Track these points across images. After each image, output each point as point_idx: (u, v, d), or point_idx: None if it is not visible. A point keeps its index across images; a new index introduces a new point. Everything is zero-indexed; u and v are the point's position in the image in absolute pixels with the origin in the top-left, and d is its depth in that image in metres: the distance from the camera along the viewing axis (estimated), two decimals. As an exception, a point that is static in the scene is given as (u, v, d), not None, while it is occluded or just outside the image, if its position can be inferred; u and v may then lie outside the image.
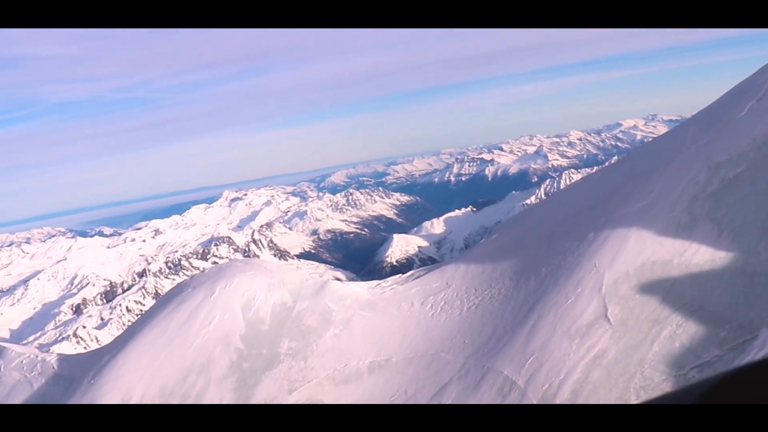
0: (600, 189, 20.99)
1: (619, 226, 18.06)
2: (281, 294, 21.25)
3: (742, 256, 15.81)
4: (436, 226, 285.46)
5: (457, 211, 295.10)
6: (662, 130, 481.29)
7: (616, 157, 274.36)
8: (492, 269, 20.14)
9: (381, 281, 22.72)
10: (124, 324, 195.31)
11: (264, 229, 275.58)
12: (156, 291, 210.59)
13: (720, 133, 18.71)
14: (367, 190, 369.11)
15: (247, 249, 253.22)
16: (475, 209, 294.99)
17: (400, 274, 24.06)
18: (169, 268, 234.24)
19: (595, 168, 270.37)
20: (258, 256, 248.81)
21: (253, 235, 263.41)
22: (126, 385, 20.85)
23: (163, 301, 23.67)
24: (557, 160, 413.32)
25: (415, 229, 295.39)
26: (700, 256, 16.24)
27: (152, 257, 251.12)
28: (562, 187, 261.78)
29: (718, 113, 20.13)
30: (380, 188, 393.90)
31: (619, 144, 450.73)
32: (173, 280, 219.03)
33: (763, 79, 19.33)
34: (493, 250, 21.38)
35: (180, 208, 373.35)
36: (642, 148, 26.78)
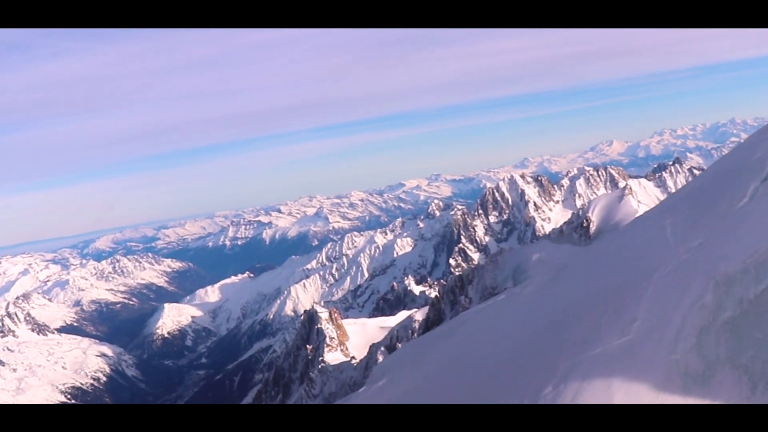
0: (543, 312, 15.07)
1: (592, 377, 11.95)
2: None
3: (797, 426, 10.42)
4: (211, 293, 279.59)
5: (233, 277, 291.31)
6: (446, 190, 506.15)
7: (400, 219, 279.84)
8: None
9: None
10: None
11: (20, 301, 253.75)
12: None
13: (718, 228, 13.37)
14: (135, 257, 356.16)
15: (0, 323, 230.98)
16: (252, 275, 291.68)
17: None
18: None
19: (378, 230, 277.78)
20: (13, 332, 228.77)
21: (7, 307, 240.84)
22: None
23: None
24: (338, 221, 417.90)
25: (188, 297, 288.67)
26: (730, 426, 10.69)
27: None
28: (344, 250, 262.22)
29: (705, 199, 14.95)
30: (150, 254, 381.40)
31: (402, 205, 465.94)
32: None
33: (762, 152, 14.47)
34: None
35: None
36: (596, 249, 20.84)
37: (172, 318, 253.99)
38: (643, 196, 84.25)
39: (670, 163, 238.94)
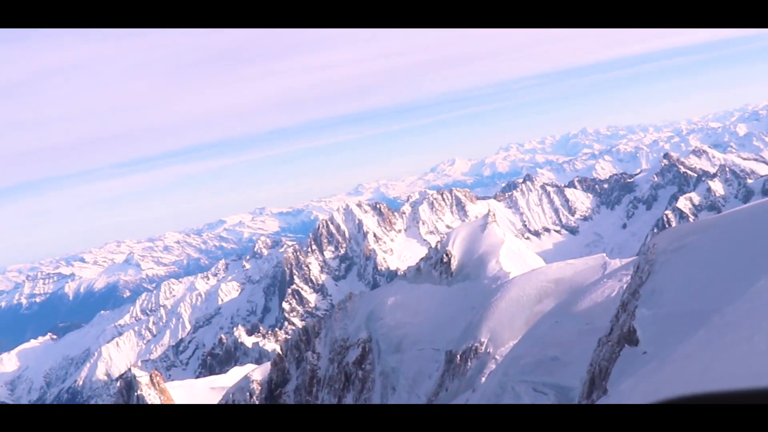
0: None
1: None
2: None
3: None
4: (7, 362, 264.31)
5: (32, 341, 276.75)
6: (273, 224, 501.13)
7: (223, 261, 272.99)
8: None
9: None
10: None
11: None
12: None
13: None
14: None
15: None
16: (55, 337, 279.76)
17: None
18: None
19: (199, 275, 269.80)
20: None
21: None
22: None
23: None
24: (152, 268, 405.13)
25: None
26: None
27: None
28: (161, 300, 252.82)
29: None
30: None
31: (224, 244, 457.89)
32: None
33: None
34: None
35: None
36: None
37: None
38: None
39: (521, 180, 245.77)
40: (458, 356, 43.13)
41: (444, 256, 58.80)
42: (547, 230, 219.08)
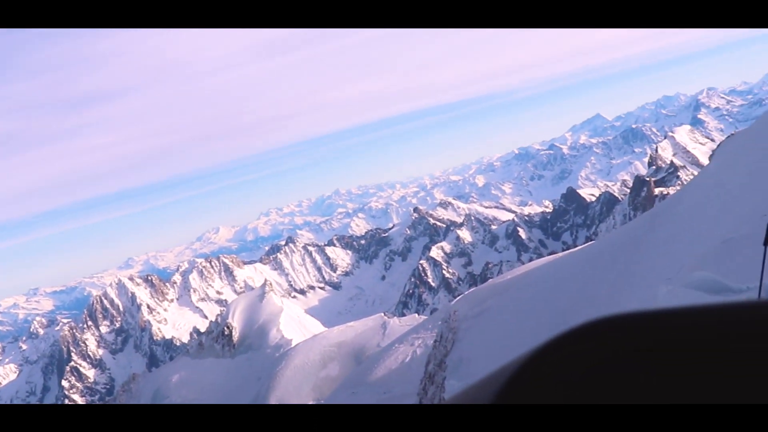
0: None
1: None
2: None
3: None
4: None
5: None
6: (47, 304, 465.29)
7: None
8: None
9: None
10: None
11: None
12: None
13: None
14: None
15: None
16: None
17: None
18: None
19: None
20: None
21: None
22: None
23: None
24: None
25: None
26: None
27: None
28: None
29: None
30: None
31: (1, 328, 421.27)
32: None
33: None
34: None
35: None
36: None
37: None
38: (261, 282, 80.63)
39: (283, 242, 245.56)
40: (249, 431, 39.50)
41: (225, 328, 54.79)
42: (312, 288, 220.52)
